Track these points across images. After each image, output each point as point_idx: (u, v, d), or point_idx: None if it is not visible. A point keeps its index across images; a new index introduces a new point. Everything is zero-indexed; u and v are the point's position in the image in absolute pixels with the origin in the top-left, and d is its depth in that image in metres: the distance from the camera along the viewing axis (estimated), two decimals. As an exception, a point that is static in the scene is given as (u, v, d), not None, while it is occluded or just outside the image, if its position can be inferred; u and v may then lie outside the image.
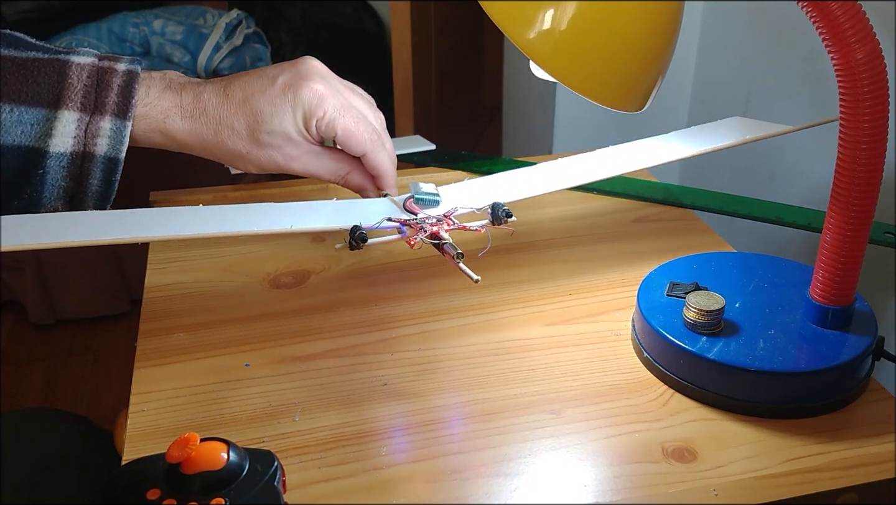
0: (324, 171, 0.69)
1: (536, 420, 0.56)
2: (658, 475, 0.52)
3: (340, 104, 0.66)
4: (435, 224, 0.63)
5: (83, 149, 0.61)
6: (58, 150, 0.61)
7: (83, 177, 0.62)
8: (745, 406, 0.56)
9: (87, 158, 0.62)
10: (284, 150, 0.67)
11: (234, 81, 0.67)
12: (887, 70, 0.51)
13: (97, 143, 0.61)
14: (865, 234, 0.55)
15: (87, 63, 0.62)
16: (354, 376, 0.60)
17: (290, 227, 0.62)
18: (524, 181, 0.72)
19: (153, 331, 0.65)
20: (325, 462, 0.53)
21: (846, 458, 0.53)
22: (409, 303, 0.68)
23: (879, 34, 0.50)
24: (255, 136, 0.66)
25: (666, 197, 0.83)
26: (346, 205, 0.67)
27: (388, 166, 0.70)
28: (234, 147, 0.66)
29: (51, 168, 0.61)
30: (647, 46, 0.55)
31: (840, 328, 0.58)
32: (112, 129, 0.62)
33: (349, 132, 0.66)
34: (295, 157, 0.68)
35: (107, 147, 0.62)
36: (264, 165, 0.68)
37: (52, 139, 0.60)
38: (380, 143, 0.69)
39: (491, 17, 0.52)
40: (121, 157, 0.62)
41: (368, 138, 0.68)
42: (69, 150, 0.61)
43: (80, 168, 0.62)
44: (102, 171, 0.62)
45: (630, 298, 0.66)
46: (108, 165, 0.62)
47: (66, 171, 0.61)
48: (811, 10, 0.50)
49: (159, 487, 0.44)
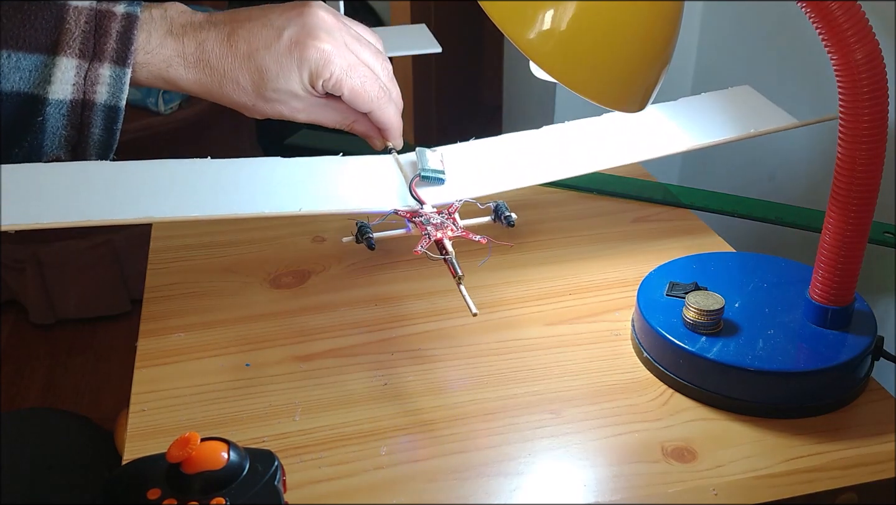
0: (329, 120, 0.69)
1: (536, 420, 0.56)
2: (658, 475, 0.52)
3: (347, 63, 0.65)
4: (439, 227, 0.62)
5: (83, 97, 0.61)
6: (57, 98, 0.60)
7: (84, 125, 0.61)
8: (744, 406, 0.56)
9: (88, 107, 0.61)
10: (290, 105, 0.66)
11: (238, 29, 0.65)
12: (887, 70, 0.51)
13: (97, 90, 0.61)
14: (865, 234, 0.55)
15: (84, 6, 0.61)
16: (354, 376, 0.60)
17: (299, 209, 0.62)
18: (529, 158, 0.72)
19: (153, 331, 0.65)
20: (325, 462, 0.53)
21: (846, 457, 0.53)
22: (409, 303, 0.68)
23: (879, 34, 0.50)
24: (260, 92, 0.65)
25: (666, 197, 0.83)
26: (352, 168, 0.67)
27: (394, 121, 0.69)
28: (238, 99, 0.65)
29: (50, 116, 0.60)
30: (647, 46, 0.55)
31: (839, 328, 0.58)
32: (111, 77, 0.61)
33: (355, 92, 0.66)
34: (300, 110, 0.67)
35: (107, 95, 0.61)
36: (269, 115, 0.67)
37: (51, 86, 0.59)
38: (386, 98, 0.68)
39: (491, 17, 0.52)
40: (121, 105, 0.62)
41: (375, 96, 0.67)
42: (69, 97, 0.60)
43: (81, 116, 0.61)
44: (103, 119, 0.62)
45: (630, 298, 0.66)
46: (109, 114, 0.62)
47: (67, 120, 0.61)
48: (811, 10, 0.50)
49: (160, 487, 0.44)
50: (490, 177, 0.69)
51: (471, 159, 0.71)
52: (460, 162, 0.71)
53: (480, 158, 0.72)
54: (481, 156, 0.72)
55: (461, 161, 0.71)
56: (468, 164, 0.71)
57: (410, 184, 0.66)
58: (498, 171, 0.70)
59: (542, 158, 0.73)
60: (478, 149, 0.73)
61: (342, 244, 0.74)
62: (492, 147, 0.73)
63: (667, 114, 0.77)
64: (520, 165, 0.71)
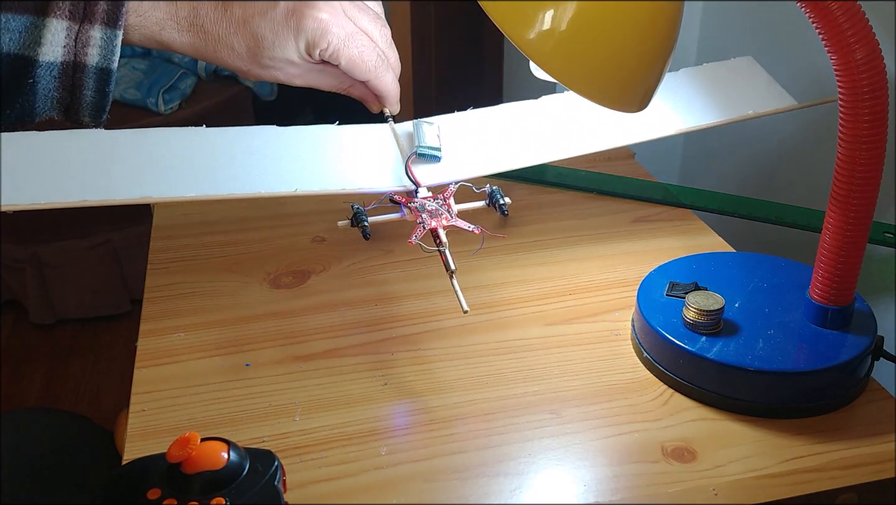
0: (326, 85, 0.69)
1: (536, 420, 0.56)
2: (658, 475, 0.52)
3: (345, 33, 0.64)
4: (434, 214, 0.62)
5: (74, 58, 0.60)
6: (47, 59, 0.59)
7: (76, 87, 0.61)
8: (744, 406, 0.56)
9: (79, 69, 0.60)
10: (286, 71, 0.66)
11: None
12: (887, 70, 0.51)
13: (88, 52, 0.60)
14: (865, 234, 0.55)
15: None
16: (354, 376, 0.60)
17: (295, 189, 0.62)
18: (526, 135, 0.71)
19: (153, 331, 0.65)
20: (325, 462, 0.53)
21: (846, 457, 0.53)
22: (409, 303, 0.68)
23: (879, 34, 0.50)
24: (255, 58, 0.64)
25: (665, 197, 0.83)
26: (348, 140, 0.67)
27: (392, 88, 0.69)
28: (233, 64, 0.65)
29: (41, 77, 0.60)
30: (647, 46, 0.55)
31: (839, 328, 0.58)
32: (102, 39, 0.60)
33: (353, 62, 0.65)
34: (296, 75, 0.67)
35: (98, 57, 0.60)
36: (265, 80, 0.67)
37: (41, 48, 0.59)
38: (384, 66, 0.67)
39: (491, 17, 0.52)
40: (113, 67, 0.61)
41: (372, 66, 0.66)
42: (59, 59, 0.60)
43: (73, 79, 0.61)
44: (95, 81, 0.61)
45: (630, 298, 0.66)
46: (101, 76, 0.61)
47: (58, 82, 0.60)
48: (810, 11, 0.50)
49: (160, 487, 0.44)
50: (486, 155, 0.69)
51: (467, 133, 0.70)
52: (457, 136, 0.70)
53: (477, 133, 0.71)
54: (478, 130, 0.71)
55: (458, 135, 0.70)
56: (465, 139, 0.70)
57: (406, 163, 0.66)
58: (494, 148, 0.70)
59: (538, 136, 0.72)
60: (474, 121, 0.72)
61: (342, 244, 0.74)
62: (489, 119, 0.72)
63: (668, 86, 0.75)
64: (516, 143, 0.70)
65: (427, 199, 0.64)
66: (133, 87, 1.82)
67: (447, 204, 0.63)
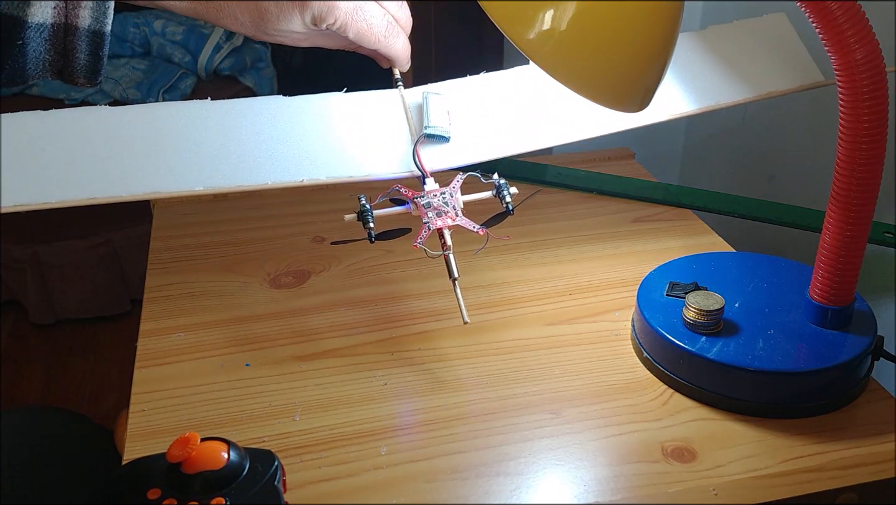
0: (333, 45, 0.67)
1: (536, 420, 0.56)
2: (658, 475, 0.52)
3: (353, 6, 0.63)
4: (439, 213, 0.61)
5: (65, 20, 0.58)
6: (36, 21, 0.57)
7: (68, 50, 0.59)
8: (744, 406, 0.56)
9: (70, 31, 0.59)
10: (291, 37, 0.64)
11: None
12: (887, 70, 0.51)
13: (79, 14, 0.58)
14: (865, 234, 0.55)
15: None
16: (354, 376, 0.60)
17: (301, 179, 0.61)
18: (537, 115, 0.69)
19: (153, 331, 0.65)
20: (325, 462, 0.53)
21: (846, 457, 0.53)
22: (409, 303, 0.68)
23: (879, 34, 0.50)
24: (260, 28, 0.63)
25: (666, 197, 0.83)
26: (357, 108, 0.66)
27: (402, 52, 0.67)
28: (237, 30, 0.64)
29: (31, 39, 0.58)
30: (646, 46, 0.55)
31: (839, 328, 0.58)
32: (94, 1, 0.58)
33: (361, 34, 0.64)
34: (302, 40, 0.65)
35: (90, 20, 0.59)
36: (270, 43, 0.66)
37: (29, 8, 0.57)
38: (394, 33, 0.66)
39: (491, 17, 0.52)
40: (106, 30, 0.59)
41: (381, 35, 0.65)
42: (49, 21, 0.58)
43: (64, 41, 0.59)
44: (88, 44, 0.59)
45: (630, 298, 0.66)
46: (94, 39, 0.59)
47: (49, 44, 0.59)
48: (811, 11, 0.50)
49: (160, 487, 0.44)
50: (497, 136, 0.67)
51: (478, 106, 0.68)
52: (466, 108, 0.68)
53: (488, 105, 0.69)
54: (489, 101, 0.69)
55: (467, 107, 0.68)
56: (475, 112, 0.68)
57: (415, 147, 0.64)
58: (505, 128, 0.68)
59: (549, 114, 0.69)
60: (485, 89, 0.70)
61: (342, 244, 0.74)
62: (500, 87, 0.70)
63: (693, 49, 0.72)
64: (526, 122, 0.68)
65: (433, 194, 0.62)
66: (133, 87, 1.82)
67: (454, 199, 0.62)
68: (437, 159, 0.65)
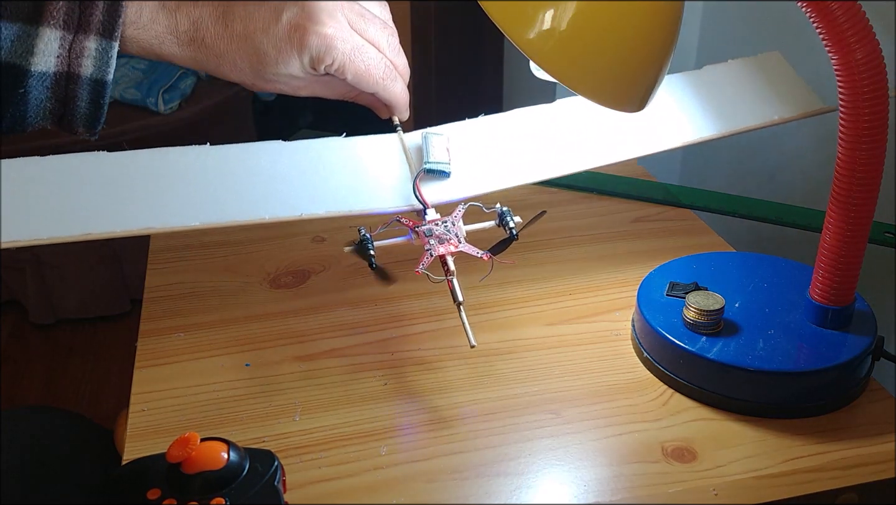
0: (332, 94, 0.67)
1: (536, 420, 0.56)
2: (658, 475, 0.52)
3: (351, 47, 0.62)
4: (441, 240, 0.61)
5: (67, 69, 0.58)
6: (39, 69, 0.58)
7: (69, 99, 0.59)
8: (745, 406, 0.56)
9: (72, 80, 0.59)
10: (290, 84, 0.64)
11: (234, 7, 0.62)
12: (887, 70, 0.51)
13: (82, 63, 0.58)
14: (865, 234, 0.55)
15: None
16: (354, 376, 0.60)
17: (300, 214, 0.60)
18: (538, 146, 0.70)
19: (153, 331, 0.65)
20: (325, 462, 0.53)
21: (846, 457, 0.53)
22: (409, 302, 0.68)
23: (879, 34, 0.50)
24: (259, 73, 0.63)
25: (666, 197, 0.83)
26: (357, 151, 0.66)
27: (401, 97, 0.67)
28: (236, 78, 0.63)
29: (33, 87, 0.58)
30: (646, 46, 0.55)
31: (840, 328, 0.58)
32: (97, 50, 0.58)
33: (360, 76, 0.63)
34: (301, 87, 0.65)
35: (92, 68, 0.59)
36: (269, 92, 0.66)
37: (33, 57, 0.57)
38: (392, 77, 0.65)
39: (491, 17, 0.52)
40: (108, 79, 0.59)
41: (380, 77, 0.64)
42: (52, 69, 0.58)
43: (66, 89, 0.59)
44: (89, 92, 0.59)
45: (630, 298, 0.66)
46: (95, 87, 0.59)
47: (51, 92, 0.59)
48: (811, 10, 0.50)
49: (160, 487, 0.44)
50: (496, 170, 0.67)
51: (477, 145, 0.69)
52: (466, 148, 0.68)
53: (486, 144, 0.69)
54: (487, 140, 0.69)
55: (467, 147, 0.68)
56: (474, 151, 0.68)
57: (415, 182, 0.64)
58: (504, 162, 0.68)
59: (549, 148, 0.70)
60: (483, 130, 0.70)
61: (342, 244, 0.74)
62: (498, 128, 0.70)
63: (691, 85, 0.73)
64: (526, 156, 0.68)
65: (435, 223, 0.62)
66: (133, 86, 1.82)
67: (456, 227, 0.62)
68: (438, 193, 0.64)
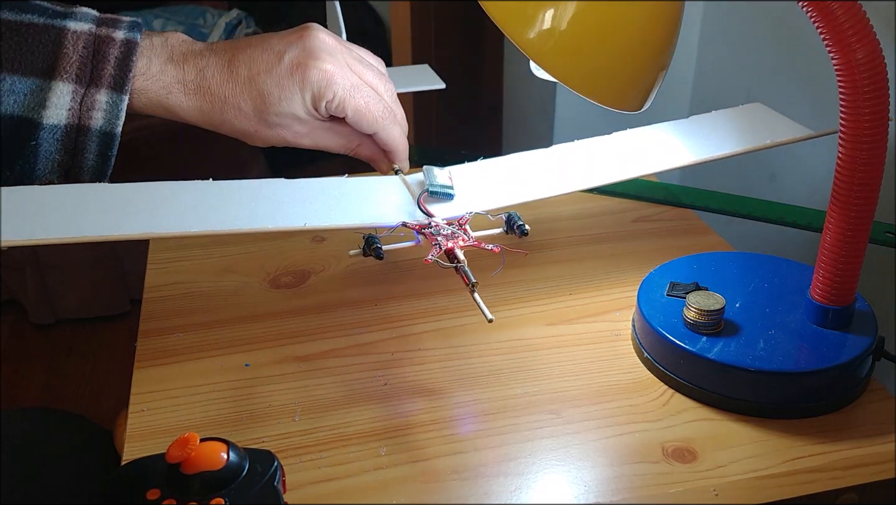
0: (333, 144, 0.68)
1: (536, 420, 0.56)
2: (658, 475, 0.52)
3: (350, 84, 0.64)
4: (450, 237, 0.60)
5: (78, 122, 0.60)
6: (51, 122, 0.59)
7: (78, 151, 0.61)
8: (745, 406, 0.56)
9: (82, 132, 0.60)
10: (293, 129, 0.66)
11: (238, 55, 0.64)
12: (887, 70, 0.51)
13: (92, 116, 0.60)
14: (865, 234, 0.55)
15: (83, 31, 0.60)
16: (354, 376, 0.60)
17: (303, 224, 0.61)
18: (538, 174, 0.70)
19: (153, 331, 0.65)
20: (325, 462, 0.53)
21: (846, 458, 0.53)
22: (409, 302, 0.68)
23: (879, 34, 0.50)
24: (262, 116, 0.64)
25: (666, 197, 0.83)
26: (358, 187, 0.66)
27: (400, 141, 0.68)
28: (241, 126, 0.65)
29: (44, 140, 0.59)
30: (647, 46, 0.55)
31: (840, 328, 0.58)
32: (108, 103, 0.60)
33: (360, 113, 0.65)
34: (304, 134, 0.66)
35: (102, 121, 0.60)
36: (273, 142, 0.67)
37: (45, 110, 0.59)
38: (391, 118, 0.67)
39: (491, 17, 0.52)
40: (117, 131, 0.61)
41: (380, 116, 0.66)
42: (63, 122, 0.60)
43: (75, 141, 0.60)
44: (98, 145, 0.61)
45: (630, 298, 0.66)
46: (104, 140, 0.61)
47: (60, 144, 0.60)
48: (811, 10, 0.50)
49: (159, 487, 0.44)
50: (499, 191, 0.67)
51: (479, 177, 0.69)
52: (468, 179, 0.69)
53: (489, 176, 0.70)
54: (489, 174, 0.70)
55: (469, 178, 0.69)
56: (476, 181, 0.69)
57: (419, 199, 0.64)
58: (507, 186, 0.68)
59: (550, 174, 0.71)
60: (486, 167, 0.71)
61: (342, 244, 0.74)
62: (500, 166, 0.71)
63: (677, 131, 0.75)
64: (529, 181, 0.69)
65: (442, 225, 0.62)
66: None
67: (463, 229, 0.62)
68: (442, 211, 0.64)
